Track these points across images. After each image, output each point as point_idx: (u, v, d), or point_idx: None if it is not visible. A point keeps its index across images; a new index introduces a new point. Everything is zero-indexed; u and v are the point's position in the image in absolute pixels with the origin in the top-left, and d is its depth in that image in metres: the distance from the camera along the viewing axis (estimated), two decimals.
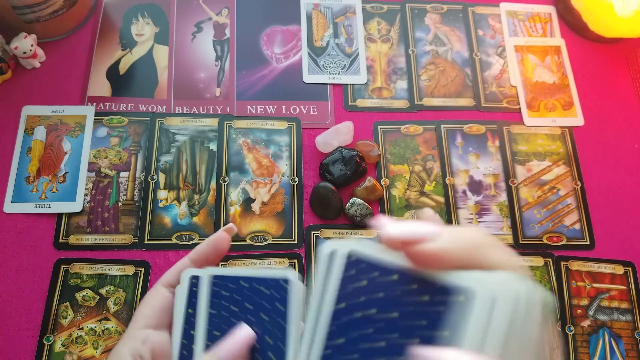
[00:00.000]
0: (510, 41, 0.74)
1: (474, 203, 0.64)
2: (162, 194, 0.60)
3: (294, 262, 0.58)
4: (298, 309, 0.29)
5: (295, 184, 0.62)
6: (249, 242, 0.59)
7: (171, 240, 0.58)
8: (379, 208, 0.62)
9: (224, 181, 0.61)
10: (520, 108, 0.70)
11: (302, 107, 0.67)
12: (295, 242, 0.59)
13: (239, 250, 0.58)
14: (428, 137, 0.67)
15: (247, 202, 0.61)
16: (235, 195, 0.61)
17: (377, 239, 0.31)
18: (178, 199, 0.60)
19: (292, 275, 0.30)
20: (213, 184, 0.61)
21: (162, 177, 0.61)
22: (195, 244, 0.58)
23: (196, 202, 0.60)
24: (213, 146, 0.63)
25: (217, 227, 0.59)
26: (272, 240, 0.59)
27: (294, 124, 0.65)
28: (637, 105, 0.72)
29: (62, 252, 0.57)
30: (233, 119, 0.65)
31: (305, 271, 0.58)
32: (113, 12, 0.70)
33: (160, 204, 0.60)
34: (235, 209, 0.60)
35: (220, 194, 0.61)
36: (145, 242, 0.58)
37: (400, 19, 0.74)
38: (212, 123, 0.64)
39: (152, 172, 0.61)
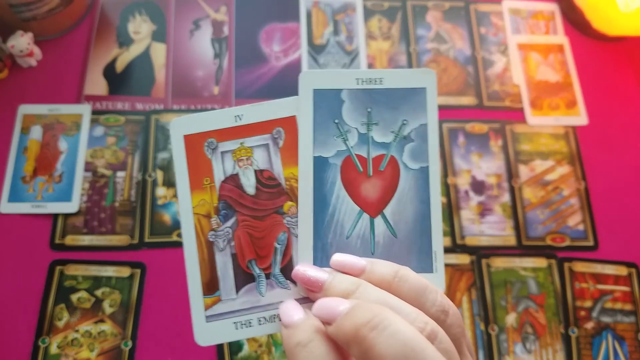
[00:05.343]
0: (513, 39, 0.73)
1: (476, 203, 0.63)
2: (161, 191, 0.60)
3: None
4: None
5: None
6: None
7: (172, 238, 0.58)
8: None
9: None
10: (523, 107, 0.69)
11: None
12: None
13: None
14: None
15: None
16: None
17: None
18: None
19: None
20: None
21: (160, 175, 0.60)
22: None
23: None
24: None
25: None
26: None
27: None
28: None
29: (58, 253, 0.56)
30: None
31: None
32: (110, 9, 0.69)
33: (159, 202, 0.59)
34: None
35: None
36: (146, 240, 0.57)
37: (401, 16, 0.73)
38: None
39: (149, 170, 0.60)
